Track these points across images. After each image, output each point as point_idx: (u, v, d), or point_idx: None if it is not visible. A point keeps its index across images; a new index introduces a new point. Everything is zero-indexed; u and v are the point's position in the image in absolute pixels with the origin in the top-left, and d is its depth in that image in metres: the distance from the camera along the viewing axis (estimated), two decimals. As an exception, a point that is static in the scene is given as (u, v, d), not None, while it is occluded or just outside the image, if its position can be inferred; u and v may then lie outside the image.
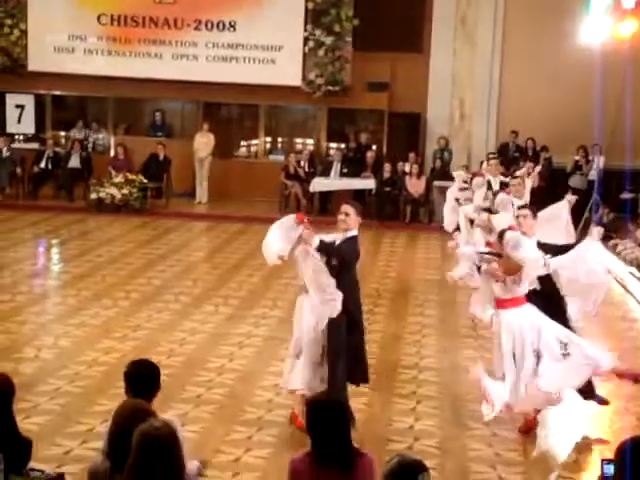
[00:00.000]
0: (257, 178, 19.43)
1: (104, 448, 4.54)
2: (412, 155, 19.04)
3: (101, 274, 12.99)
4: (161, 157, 19.17)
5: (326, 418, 4.47)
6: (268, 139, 20.80)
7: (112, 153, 19.77)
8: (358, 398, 7.92)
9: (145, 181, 18.42)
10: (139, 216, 17.72)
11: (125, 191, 18.14)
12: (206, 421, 7.65)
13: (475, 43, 19.75)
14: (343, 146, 20.12)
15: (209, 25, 19.65)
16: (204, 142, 19.49)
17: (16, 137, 20.12)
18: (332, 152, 19.99)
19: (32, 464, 4.89)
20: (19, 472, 4.67)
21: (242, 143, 20.94)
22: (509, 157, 18.46)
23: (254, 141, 20.74)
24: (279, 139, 20.94)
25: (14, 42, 19.72)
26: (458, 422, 7.90)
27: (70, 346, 9.57)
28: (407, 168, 18.83)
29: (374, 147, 19.78)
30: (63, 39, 19.71)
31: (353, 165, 19.19)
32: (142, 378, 5.13)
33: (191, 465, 4.54)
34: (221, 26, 19.63)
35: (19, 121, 20.09)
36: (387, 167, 18.78)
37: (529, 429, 7.59)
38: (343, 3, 19.47)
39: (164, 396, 7.65)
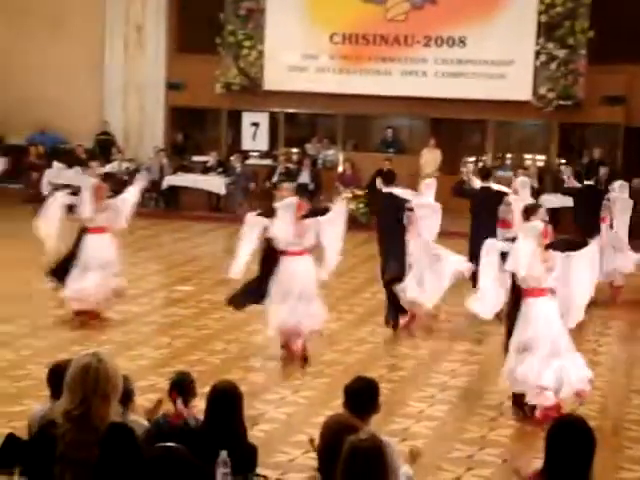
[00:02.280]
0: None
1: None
2: (648, 171, 18.18)
3: (327, 288, 13.19)
4: (388, 173, 19.31)
5: (573, 442, 4.12)
6: (496, 155, 20.51)
7: (340, 169, 20.14)
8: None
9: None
10: (365, 231, 17.86)
11: (352, 206, 18.40)
12: (427, 437, 7.59)
13: None
14: (574, 162, 19.51)
15: (439, 41, 19.66)
16: (431, 158, 19.49)
17: (251, 154, 20.94)
18: (562, 168, 19.42)
19: (257, 470, 5.03)
20: (245, 477, 4.81)
21: (469, 159, 20.75)
22: None
23: (482, 157, 20.51)
24: (508, 155, 20.60)
25: (252, 63, 20.55)
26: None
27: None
28: (643, 184, 17.98)
29: (607, 163, 19.03)
30: (297, 58, 20.32)
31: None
32: (360, 396, 5.14)
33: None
34: (451, 42, 19.59)
35: (254, 138, 20.90)
36: (621, 184, 17.99)
37: None
38: (578, 15, 18.92)
39: (385, 411, 7.68)
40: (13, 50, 21.41)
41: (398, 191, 10.97)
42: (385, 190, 11.04)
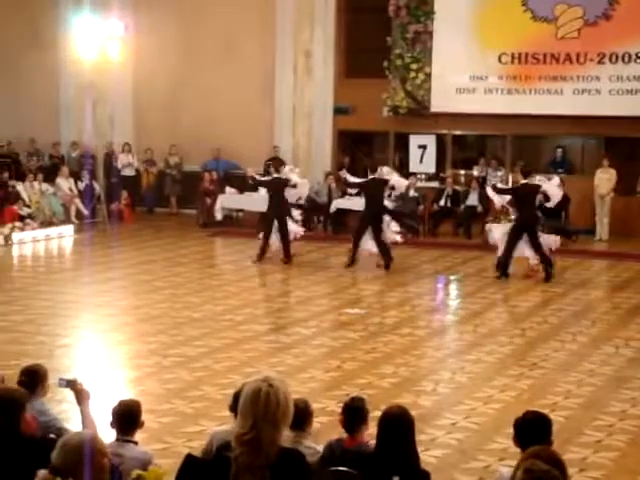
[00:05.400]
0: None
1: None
2: None
3: (497, 311, 12.99)
4: (560, 194, 18.82)
5: None
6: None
7: (510, 190, 19.74)
8: None
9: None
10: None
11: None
12: (607, 468, 7.28)
13: None
14: None
15: (613, 58, 19.05)
16: (605, 178, 18.90)
17: (418, 176, 20.88)
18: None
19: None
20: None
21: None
22: None
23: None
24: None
25: (419, 85, 20.53)
26: None
27: (466, 382, 9.64)
28: None
29: None
30: (465, 80, 20.15)
31: None
32: (530, 431, 4.95)
33: None
34: (627, 58, 18.94)
35: (421, 161, 20.84)
36: None
37: None
38: None
39: (561, 439, 7.45)
40: (187, 79, 22.23)
41: None
42: None
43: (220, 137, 21.75)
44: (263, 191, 17.20)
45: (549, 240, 15.23)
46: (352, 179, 16.84)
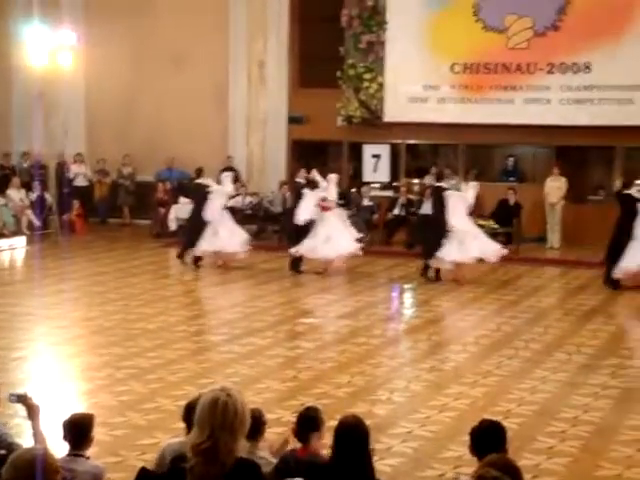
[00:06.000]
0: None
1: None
2: None
3: (451, 319, 13.07)
4: (511, 202, 19.04)
5: None
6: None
7: (463, 199, 19.89)
8: None
9: (495, 226, 18.36)
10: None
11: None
12: (559, 474, 7.35)
13: None
14: None
15: (563, 68, 19.32)
16: (556, 186, 19.12)
17: (372, 185, 20.95)
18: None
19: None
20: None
21: (596, 187, 20.25)
22: None
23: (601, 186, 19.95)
24: (637, 182, 19.96)
25: (372, 95, 20.62)
26: None
27: (421, 390, 9.67)
28: None
29: None
30: (417, 90, 20.28)
31: None
32: (485, 440, 4.99)
33: None
34: (575, 68, 19.21)
35: (375, 170, 20.92)
36: None
37: None
38: None
39: (515, 446, 7.50)
40: (140, 89, 22.12)
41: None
42: None
43: (173, 147, 21.65)
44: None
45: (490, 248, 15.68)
46: (320, 180, 16.69)
